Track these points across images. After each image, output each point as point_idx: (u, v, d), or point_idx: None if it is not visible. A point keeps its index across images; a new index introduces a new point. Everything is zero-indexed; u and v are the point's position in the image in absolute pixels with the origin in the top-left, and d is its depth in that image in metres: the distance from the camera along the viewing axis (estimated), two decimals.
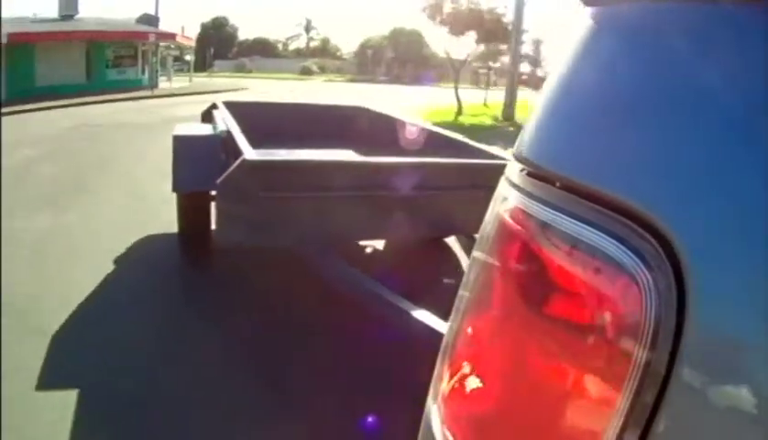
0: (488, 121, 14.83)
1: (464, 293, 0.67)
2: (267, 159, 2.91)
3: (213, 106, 4.96)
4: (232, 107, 4.68)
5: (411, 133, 4.90)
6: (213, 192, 3.60)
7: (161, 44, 27.66)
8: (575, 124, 0.56)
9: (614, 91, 0.53)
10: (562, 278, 0.52)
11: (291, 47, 58.88)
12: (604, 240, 0.47)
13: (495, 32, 15.03)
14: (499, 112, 15.11)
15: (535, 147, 0.60)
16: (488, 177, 2.84)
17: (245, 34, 61.72)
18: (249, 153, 2.80)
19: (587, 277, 0.49)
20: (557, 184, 0.54)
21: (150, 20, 27.88)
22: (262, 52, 55.31)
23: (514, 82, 13.94)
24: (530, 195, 0.57)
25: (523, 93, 16.67)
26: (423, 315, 2.46)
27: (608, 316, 0.48)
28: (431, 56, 34.64)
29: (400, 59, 25.19)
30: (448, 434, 0.63)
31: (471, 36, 16.84)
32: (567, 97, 0.58)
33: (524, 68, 34.61)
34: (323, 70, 42.82)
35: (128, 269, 4.14)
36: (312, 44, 54.43)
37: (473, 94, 20.65)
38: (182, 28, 34.16)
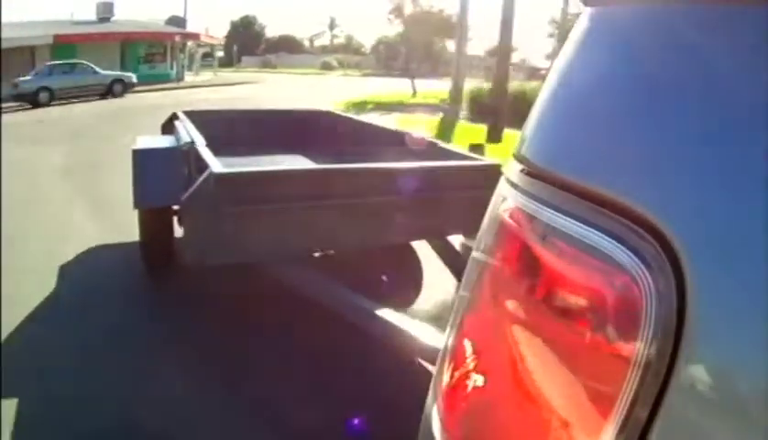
0: (433, 101, 17.05)
1: (463, 293, 0.67)
2: (235, 171, 2.74)
3: (174, 116, 4.69)
4: (193, 116, 4.49)
5: (374, 135, 4.82)
6: (176, 207, 3.58)
7: (190, 42, 30.40)
8: (574, 124, 0.56)
9: (613, 91, 0.53)
10: (562, 278, 0.52)
11: (317, 43, 60.96)
12: (604, 240, 0.47)
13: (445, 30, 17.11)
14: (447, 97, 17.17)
15: (535, 147, 0.59)
16: (460, 179, 3.04)
17: (272, 32, 64.81)
18: (216, 166, 2.67)
19: (587, 277, 0.49)
20: (557, 184, 0.54)
21: (178, 22, 31.15)
22: (288, 49, 57.96)
23: (459, 70, 16.09)
24: (529, 195, 0.57)
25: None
26: (403, 320, 2.48)
27: (608, 316, 0.47)
28: (442, 51, 36.54)
29: (413, 54, 27.15)
30: (448, 433, 0.63)
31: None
32: (567, 97, 0.57)
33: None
34: (342, 65, 44.90)
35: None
36: (336, 41, 56.38)
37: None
38: (206, 29, 37.73)
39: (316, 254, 3.56)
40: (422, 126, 11.06)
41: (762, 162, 0.40)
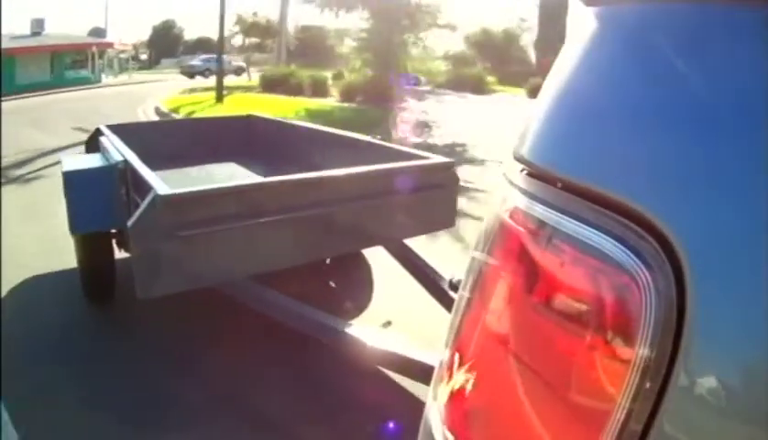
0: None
1: (463, 293, 0.67)
2: (183, 192, 2.49)
3: (98, 132, 4.29)
4: (118, 131, 4.14)
5: (308, 137, 4.75)
6: (114, 231, 3.43)
7: (111, 49, 37.77)
8: (574, 124, 0.56)
9: (614, 91, 0.53)
10: (562, 278, 0.52)
11: (234, 43, 67.83)
12: (604, 240, 0.47)
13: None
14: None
15: (535, 147, 0.59)
16: (410, 179, 3.06)
17: (190, 35, 71.21)
18: (161, 188, 2.44)
19: (587, 277, 0.50)
20: (557, 185, 0.54)
21: (99, 32, 38.16)
22: (204, 50, 64.91)
23: (222, 72, 18.99)
24: (529, 196, 0.57)
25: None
26: (358, 329, 2.46)
27: (608, 316, 0.48)
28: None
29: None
30: (448, 434, 0.64)
31: None
32: (567, 97, 0.58)
33: None
34: (247, 63, 52.29)
35: None
36: (249, 41, 63.65)
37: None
38: (120, 38, 44.93)
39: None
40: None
41: (762, 162, 0.39)
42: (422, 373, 2.10)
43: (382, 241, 3.40)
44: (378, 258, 3.76)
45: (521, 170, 0.61)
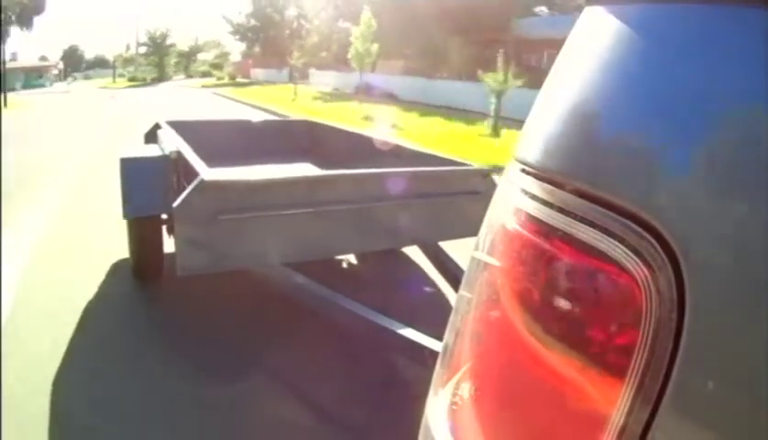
0: None
1: (463, 294, 0.67)
2: (225, 179, 2.69)
3: (157, 126, 4.63)
4: (176, 126, 4.43)
5: (358, 143, 4.83)
6: (165, 216, 3.56)
7: (53, 68, 62.21)
8: (575, 124, 0.56)
9: (614, 91, 0.53)
10: (562, 278, 0.52)
11: (124, 59, 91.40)
12: (604, 240, 0.47)
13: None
14: None
15: (535, 147, 0.59)
16: (448, 183, 3.18)
17: (91, 54, 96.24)
18: (206, 173, 2.66)
19: (587, 277, 0.50)
20: (557, 185, 0.54)
21: (44, 58, 61.35)
22: (101, 66, 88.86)
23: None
24: (530, 196, 0.57)
25: None
26: (393, 325, 2.47)
27: (608, 316, 0.48)
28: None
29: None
30: (448, 433, 0.64)
31: None
32: (567, 97, 0.57)
33: None
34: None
35: None
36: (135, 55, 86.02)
37: None
38: (57, 61, 68.00)
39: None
40: None
41: (762, 162, 0.39)
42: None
43: (416, 241, 3.56)
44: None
45: (522, 171, 0.60)
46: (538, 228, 0.55)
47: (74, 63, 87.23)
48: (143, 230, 3.62)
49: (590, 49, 0.57)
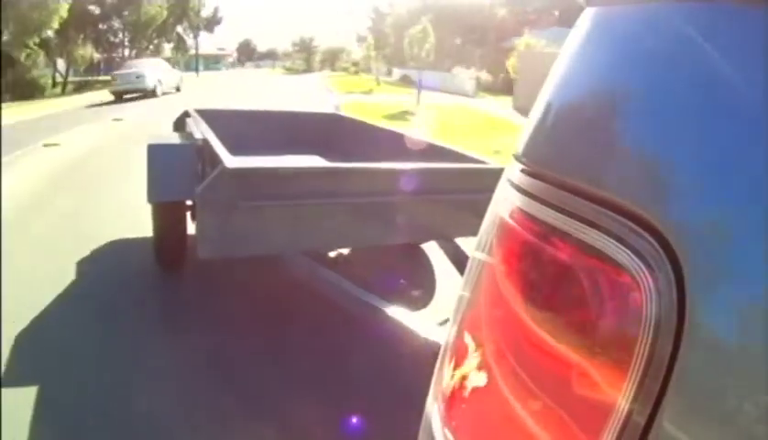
0: None
1: (464, 293, 0.67)
2: (247, 166, 2.79)
3: (186, 114, 4.70)
4: (204, 115, 4.47)
5: (384, 138, 4.82)
6: (189, 202, 3.64)
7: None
8: (575, 124, 0.56)
9: (614, 91, 0.53)
10: (562, 278, 0.52)
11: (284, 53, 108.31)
12: (604, 240, 0.47)
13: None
14: None
15: (535, 147, 0.59)
16: (466, 181, 3.16)
17: (263, 47, 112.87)
18: (229, 161, 2.69)
19: (587, 277, 0.49)
20: (557, 185, 0.54)
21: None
22: (272, 58, 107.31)
23: None
24: (530, 196, 0.57)
25: None
26: (410, 318, 2.47)
27: (608, 316, 0.48)
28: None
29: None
30: (448, 433, 0.64)
31: None
32: (567, 97, 0.58)
33: None
34: None
35: None
36: None
37: None
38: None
39: (332, 254, 3.57)
40: None
41: (761, 162, 0.39)
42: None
43: (434, 237, 3.58)
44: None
45: (522, 170, 0.60)
46: (538, 228, 0.55)
47: (248, 53, 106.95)
48: (167, 215, 3.72)
49: (590, 50, 0.57)
